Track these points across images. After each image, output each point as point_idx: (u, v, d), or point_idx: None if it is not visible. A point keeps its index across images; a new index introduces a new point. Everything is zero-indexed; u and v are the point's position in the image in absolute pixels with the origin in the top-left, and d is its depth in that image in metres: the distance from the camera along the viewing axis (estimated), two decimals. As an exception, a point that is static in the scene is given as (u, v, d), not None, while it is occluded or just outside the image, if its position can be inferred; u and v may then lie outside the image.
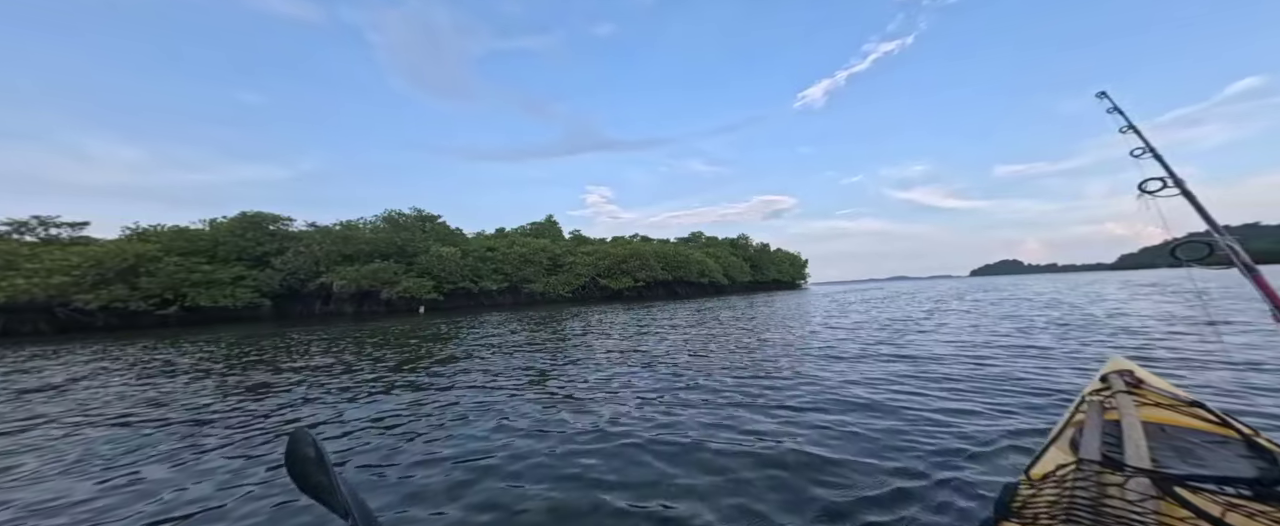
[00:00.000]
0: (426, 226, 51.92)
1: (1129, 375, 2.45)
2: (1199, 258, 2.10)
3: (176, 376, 8.72)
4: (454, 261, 46.15)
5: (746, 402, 5.07)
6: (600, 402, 5.36)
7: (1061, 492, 1.43)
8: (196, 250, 37.71)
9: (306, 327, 22.70)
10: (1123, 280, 40.92)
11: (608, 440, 4.01)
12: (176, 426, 5.16)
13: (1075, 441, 1.88)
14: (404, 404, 5.72)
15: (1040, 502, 1.43)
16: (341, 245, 41.81)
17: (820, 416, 4.43)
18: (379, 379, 7.51)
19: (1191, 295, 17.17)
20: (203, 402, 6.32)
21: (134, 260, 33.71)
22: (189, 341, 16.83)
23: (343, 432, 4.63)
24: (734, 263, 77.80)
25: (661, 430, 4.20)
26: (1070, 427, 2.07)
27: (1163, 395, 2.24)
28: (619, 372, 7.20)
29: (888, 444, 3.62)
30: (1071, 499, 1.37)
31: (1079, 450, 1.72)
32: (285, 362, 10.02)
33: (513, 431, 4.39)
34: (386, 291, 40.59)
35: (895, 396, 5.06)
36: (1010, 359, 6.91)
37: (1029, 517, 1.38)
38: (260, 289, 38.34)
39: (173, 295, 34.23)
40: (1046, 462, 1.78)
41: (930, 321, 13.18)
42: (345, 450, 4.12)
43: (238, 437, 4.62)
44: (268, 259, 40.51)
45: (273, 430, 4.82)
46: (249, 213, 42.91)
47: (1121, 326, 10.05)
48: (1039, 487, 1.53)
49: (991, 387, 5.22)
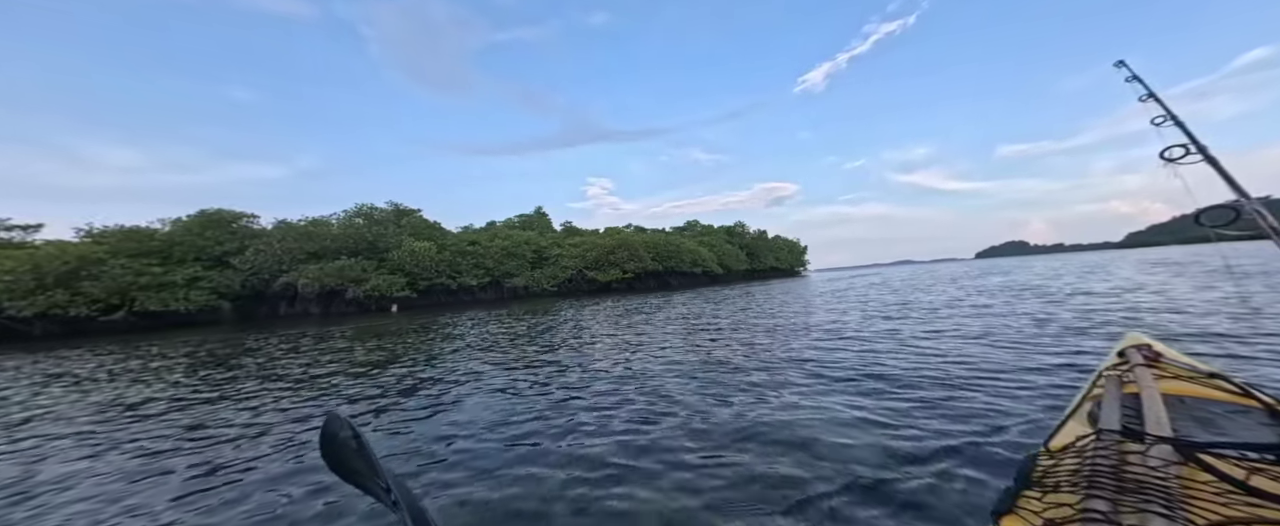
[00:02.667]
0: (402, 221, 49.55)
1: (1147, 349, 2.45)
2: (1224, 223, 1.99)
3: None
4: (429, 256, 43.88)
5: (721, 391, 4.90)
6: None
7: (1082, 462, 1.40)
8: (148, 251, 35.49)
9: (263, 331, 21.03)
10: (1139, 259, 38.13)
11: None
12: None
13: (1093, 414, 1.88)
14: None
15: (1061, 472, 1.41)
16: (305, 242, 39.52)
17: (830, 399, 4.33)
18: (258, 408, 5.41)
19: (1217, 272, 15.68)
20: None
21: (76, 263, 31.59)
22: (109, 351, 15.15)
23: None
24: (729, 251, 75.50)
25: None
26: (1088, 401, 2.07)
27: (1182, 368, 2.23)
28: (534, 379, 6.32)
29: (898, 422, 3.56)
30: (1093, 467, 1.34)
31: (1098, 422, 1.70)
32: (196, 374, 8.50)
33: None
34: (353, 290, 38.38)
35: (901, 375, 5.02)
36: (1023, 338, 6.69)
37: (1050, 486, 1.37)
38: (218, 290, 36.22)
39: (120, 299, 32.17)
40: (1065, 434, 1.77)
41: (925, 303, 12.63)
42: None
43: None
44: (229, 259, 38.38)
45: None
46: (209, 210, 40.66)
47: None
48: (1058, 458, 1.50)
49: (1004, 366, 5.10)
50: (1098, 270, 23.75)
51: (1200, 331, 6.23)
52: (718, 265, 69.22)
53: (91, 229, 38.57)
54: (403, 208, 52.89)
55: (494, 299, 48.34)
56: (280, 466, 3.55)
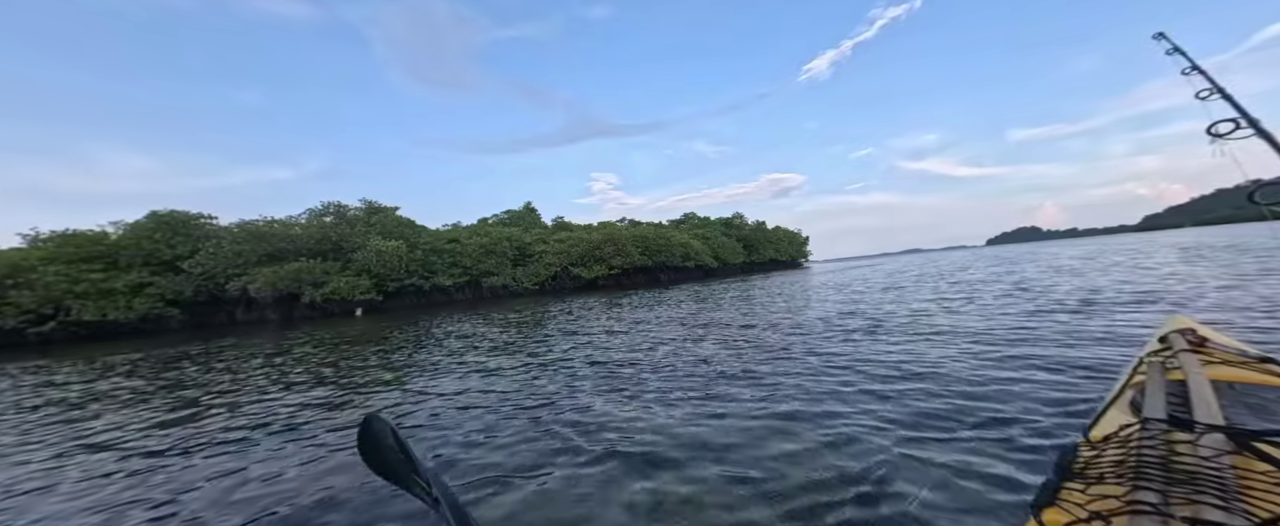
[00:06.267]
0: (372, 219, 47.03)
1: (1191, 333, 2.33)
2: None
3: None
4: (396, 256, 41.35)
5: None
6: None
7: (1127, 452, 1.33)
8: (89, 256, 33.24)
9: (204, 341, 18.71)
10: (1172, 243, 34.58)
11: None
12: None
13: (1136, 403, 1.79)
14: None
15: (1104, 463, 1.34)
16: (259, 243, 37.12)
17: (854, 392, 4.17)
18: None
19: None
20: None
21: (7, 270, 29.45)
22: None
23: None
24: (725, 243, 72.36)
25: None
26: (1129, 389, 1.98)
27: (1230, 353, 2.12)
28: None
29: (928, 413, 3.48)
30: (1139, 457, 1.28)
31: (1142, 411, 1.61)
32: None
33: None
34: (309, 293, 35.94)
35: (929, 368, 4.77)
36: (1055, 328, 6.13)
37: (1094, 477, 1.30)
38: (167, 297, 33.95)
39: (53, 309, 29.97)
40: (1106, 424, 1.70)
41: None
42: None
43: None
44: (180, 263, 36.10)
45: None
46: (161, 212, 38.34)
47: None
48: (1101, 449, 1.43)
49: (1037, 354, 4.84)
50: (1137, 254, 20.52)
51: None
52: (712, 258, 66.19)
53: (37, 234, 36.53)
54: (376, 205, 50.42)
55: (471, 300, 45.80)
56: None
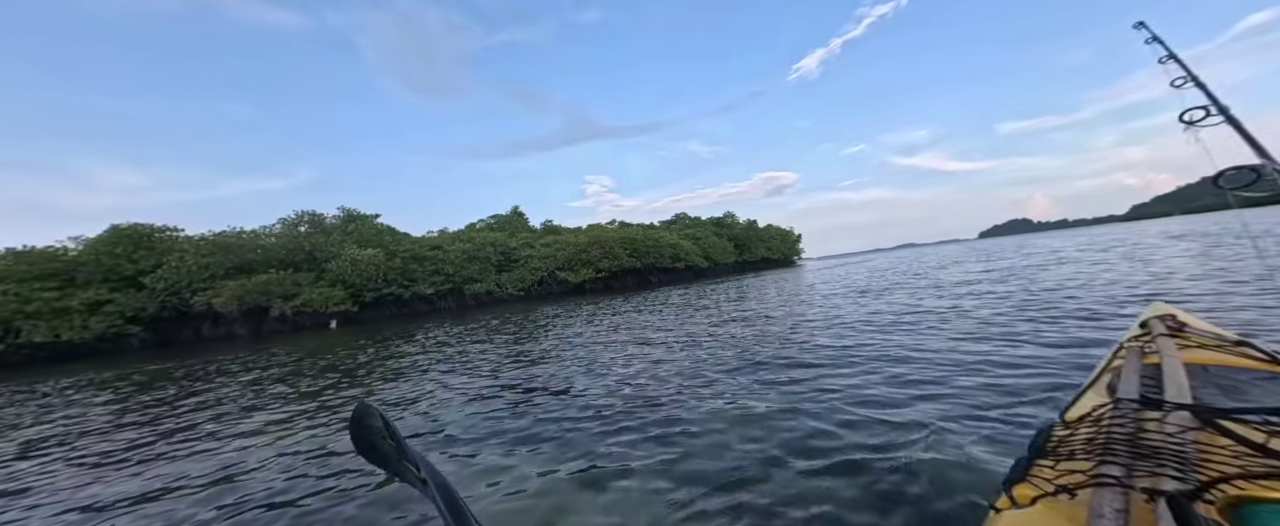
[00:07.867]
0: (348, 227, 45.45)
1: (1171, 319, 2.38)
2: (1245, 185, 1.95)
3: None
4: (373, 265, 39.81)
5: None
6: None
7: (1098, 430, 1.38)
8: (42, 274, 31.49)
9: (166, 360, 17.34)
10: (1159, 232, 33.71)
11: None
12: None
13: (1112, 385, 1.84)
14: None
15: (1075, 441, 1.40)
16: (227, 255, 35.50)
17: (841, 380, 4.32)
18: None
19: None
20: None
21: (-50, 292, 27.73)
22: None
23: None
24: (716, 243, 71.20)
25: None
26: (1107, 373, 2.02)
27: (1208, 337, 2.17)
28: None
29: (909, 400, 3.59)
30: (1108, 434, 1.32)
31: (1116, 392, 1.66)
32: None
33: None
34: (279, 306, 34.36)
35: (911, 354, 4.99)
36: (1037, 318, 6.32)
37: (1065, 454, 1.35)
38: (125, 314, 32.24)
39: (2, 331, 28.27)
40: (1082, 405, 1.74)
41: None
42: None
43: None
44: (142, 279, 34.40)
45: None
46: (123, 225, 36.62)
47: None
48: (1074, 428, 1.48)
49: (1018, 343, 4.96)
50: (1136, 250, 19.45)
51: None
52: (702, 258, 65.03)
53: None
54: (354, 213, 48.82)
55: (454, 308, 44.28)
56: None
